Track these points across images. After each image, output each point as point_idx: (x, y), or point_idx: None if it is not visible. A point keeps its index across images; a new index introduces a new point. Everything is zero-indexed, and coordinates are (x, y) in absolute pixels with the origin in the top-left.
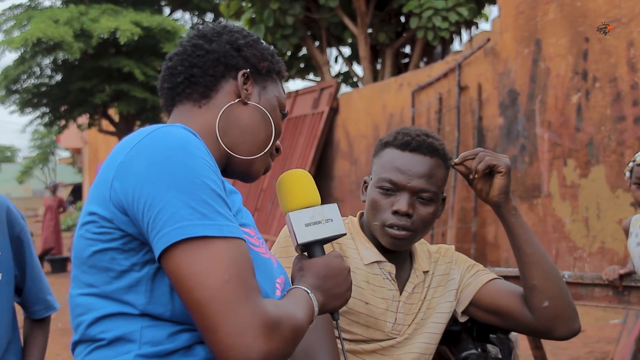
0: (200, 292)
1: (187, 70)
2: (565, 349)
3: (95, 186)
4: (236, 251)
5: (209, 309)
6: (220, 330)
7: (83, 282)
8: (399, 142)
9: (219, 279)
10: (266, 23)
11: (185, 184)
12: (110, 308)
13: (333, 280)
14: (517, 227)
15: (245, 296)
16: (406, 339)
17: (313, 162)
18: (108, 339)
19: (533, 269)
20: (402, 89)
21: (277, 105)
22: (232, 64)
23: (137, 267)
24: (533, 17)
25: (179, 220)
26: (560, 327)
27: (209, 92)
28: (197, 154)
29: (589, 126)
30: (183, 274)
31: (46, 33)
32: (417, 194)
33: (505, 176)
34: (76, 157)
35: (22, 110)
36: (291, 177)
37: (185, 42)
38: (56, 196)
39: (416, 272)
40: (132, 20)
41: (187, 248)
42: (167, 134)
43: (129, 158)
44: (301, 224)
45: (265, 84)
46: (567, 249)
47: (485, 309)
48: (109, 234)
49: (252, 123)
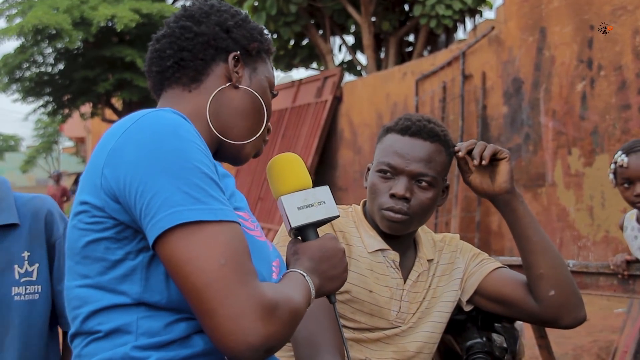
0: (197, 277)
1: (176, 53)
2: (570, 337)
3: (86, 174)
4: (231, 235)
5: (206, 293)
6: (218, 315)
7: (78, 273)
8: (399, 127)
9: (215, 263)
10: (269, 11)
11: (177, 168)
12: (106, 300)
13: (328, 263)
14: (525, 214)
15: (242, 280)
16: (410, 328)
17: (316, 151)
18: (104, 331)
19: (539, 257)
20: (406, 78)
21: (267, 87)
22: (222, 47)
23: (131, 256)
24: (538, 5)
25: (173, 205)
26: (566, 315)
27: (199, 76)
28: (188, 138)
29: (594, 115)
30: (178, 260)
31: (43, 21)
32: (415, 178)
33: (509, 162)
34: (80, 147)
35: (24, 98)
36: (281, 161)
37: (173, 24)
38: (60, 185)
39: (420, 261)
40: (132, 7)
41: (181, 233)
42: (156, 119)
43: (119, 144)
44: (294, 207)
45: (255, 65)
46: (572, 238)
47: (490, 298)
48: (102, 223)
49: (243, 107)
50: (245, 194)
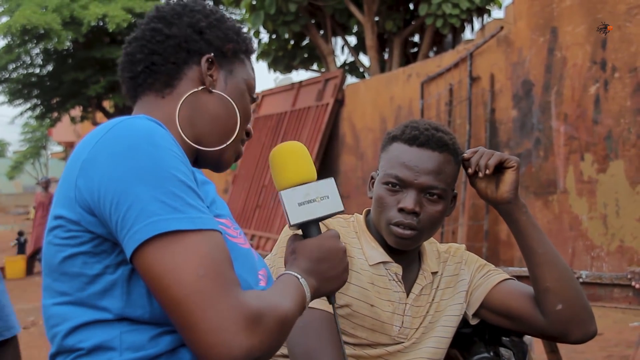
0: (175, 290)
1: (147, 57)
2: (582, 352)
3: (60, 188)
4: (211, 244)
5: (185, 306)
6: (198, 328)
7: (55, 290)
8: (406, 137)
9: (193, 274)
10: (267, 10)
11: (153, 177)
12: (86, 316)
13: (327, 263)
14: (528, 225)
15: (222, 290)
16: (414, 344)
17: (317, 156)
18: (87, 348)
19: (545, 270)
20: (411, 80)
21: (245, 89)
22: (195, 49)
23: (110, 270)
24: (549, 4)
25: (149, 215)
26: (575, 330)
27: (171, 81)
28: (163, 145)
29: (608, 118)
30: (156, 273)
31: (31, 20)
32: (424, 191)
33: (516, 171)
34: (69, 152)
35: (11, 101)
36: (284, 151)
37: (144, 26)
38: (48, 192)
39: (424, 273)
40: (124, 6)
41: (159, 244)
42: (130, 126)
43: (92, 155)
44: (294, 203)
45: (231, 67)
46: (584, 248)
47: (497, 312)
48: (78, 238)
49: (218, 111)
50: (242, 201)
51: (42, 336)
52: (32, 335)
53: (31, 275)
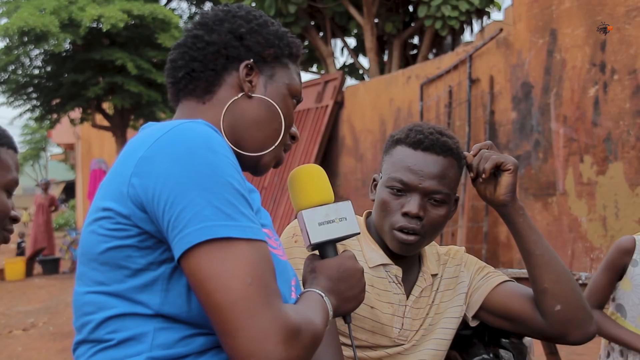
0: (222, 295)
1: (188, 64)
2: (582, 354)
3: (109, 181)
4: (259, 254)
5: (230, 312)
6: (240, 335)
7: (92, 279)
8: (411, 140)
9: (241, 281)
10: (267, 12)
11: (210, 182)
12: (123, 307)
13: (346, 283)
14: (525, 227)
15: (267, 301)
16: (414, 346)
17: (317, 158)
18: (118, 339)
19: (543, 271)
20: (410, 82)
21: (287, 94)
22: (234, 56)
23: (153, 266)
24: (548, 6)
25: (203, 220)
26: (574, 331)
27: (211, 87)
28: (221, 152)
29: (607, 120)
30: (204, 276)
31: (28, 22)
32: (428, 196)
33: (513, 174)
34: (68, 154)
35: (10, 103)
36: (304, 173)
37: (187, 33)
38: (48, 194)
39: (424, 276)
40: (122, 8)
41: (210, 249)
42: (190, 130)
43: (150, 153)
44: (314, 222)
45: (272, 72)
46: (584, 250)
47: (496, 314)
48: (125, 231)
49: (258, 117)
50: None
51: (41, 338)
52: (32, 337)
53: (30, 277)
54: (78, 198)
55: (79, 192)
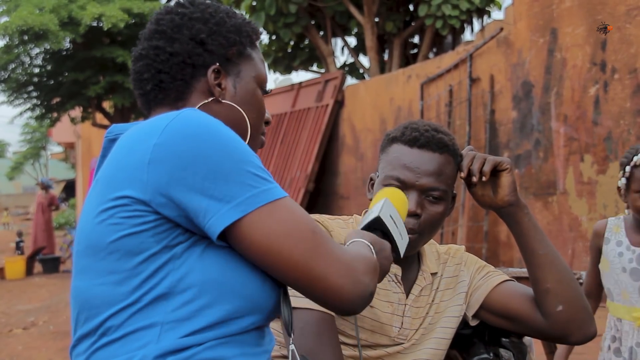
0: (299, 250)
1: (155, 76)
2: (582, 354)
3: (119, 170)
4: (298, 206)
5: (313, 260)
6: (330, 273)
7: (101, 270)
8: (407, 138)
9: (309, 232)
10: (268, 11)
11: (239, 153)
12: (133, 296)
13: (383, 252)
14: (530, 226)
15: (331, 242)
16: (413, 345)
17: (317, 157)
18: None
19: (546, 271)
20: (411, 81)
21: (255, 87)
22: (200, 64)
23: (166, 250)
24: (549, 5)
25: (249, 188)
26: (575, 331)
27: (182, 95)
28: (227, 129)
29: (607, 120)
30: (274, 239)
31: (27, 21)
32: (426, 193)
33: (511, 172)
34: (69, 152)
35: (11, 102)
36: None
37: (147, 42)
38: (48, 193)
39: (424, 274)
40: (122, 7)
41: (266, 213)
42: (194, 113)
43: (165, 139)
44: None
45: (239, 69)
46: (584, 249)
47: (496, 313)
48: (142, 217)
49: (230, 118)
50: None
51: (41, 336)
52: (32, 336)
53: (31, 276)
54: (78, 197)
55: (79, 191)
